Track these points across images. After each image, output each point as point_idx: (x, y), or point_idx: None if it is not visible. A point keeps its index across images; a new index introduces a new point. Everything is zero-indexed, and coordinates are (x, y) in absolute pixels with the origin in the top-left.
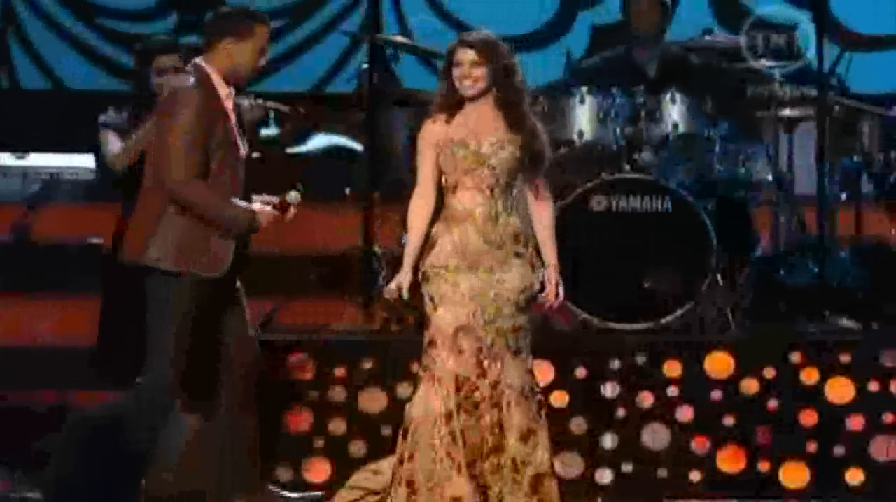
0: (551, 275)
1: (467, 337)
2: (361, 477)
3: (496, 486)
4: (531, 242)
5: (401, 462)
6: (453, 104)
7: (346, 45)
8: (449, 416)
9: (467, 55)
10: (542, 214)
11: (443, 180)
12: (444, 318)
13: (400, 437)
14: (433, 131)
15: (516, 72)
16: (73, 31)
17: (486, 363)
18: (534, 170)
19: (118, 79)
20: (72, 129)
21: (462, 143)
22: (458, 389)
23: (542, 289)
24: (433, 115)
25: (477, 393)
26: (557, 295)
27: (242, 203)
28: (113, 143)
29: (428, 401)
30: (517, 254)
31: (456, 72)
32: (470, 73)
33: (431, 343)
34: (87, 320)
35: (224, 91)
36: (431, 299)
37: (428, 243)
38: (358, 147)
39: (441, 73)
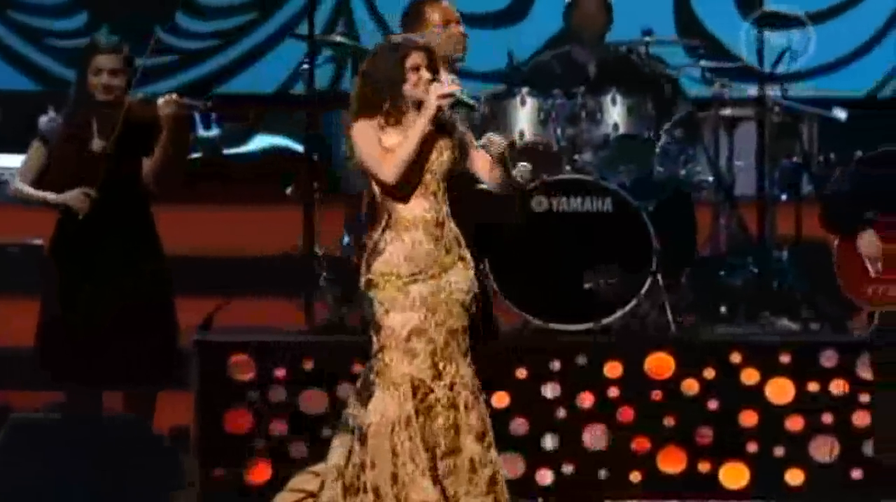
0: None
1: (420, 339)
2: (302, 480)
3: (452, 488)
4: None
5: (363, 469)
6: (387, 108)
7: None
8: (408, 420)
9: (423, 58)
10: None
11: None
12: (396, 322)
13: (356, 444)
14: (375, 132)
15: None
16: None
17: (441, 365)
18: (465, 157)
19: (29, 78)
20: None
21: None
22: (414, 393)
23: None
24: (368, 116)
25: (431, 396)
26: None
27: None
28: (23, 168)
29: (384, 407)
30: (461, 258)
31: (413, 76)
32: (426, 75)
33: (382, 348)
34: (28, 321)
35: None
36: (381, 304)
37: (374, 251)
38: (298, 147)
39: (393, 78)
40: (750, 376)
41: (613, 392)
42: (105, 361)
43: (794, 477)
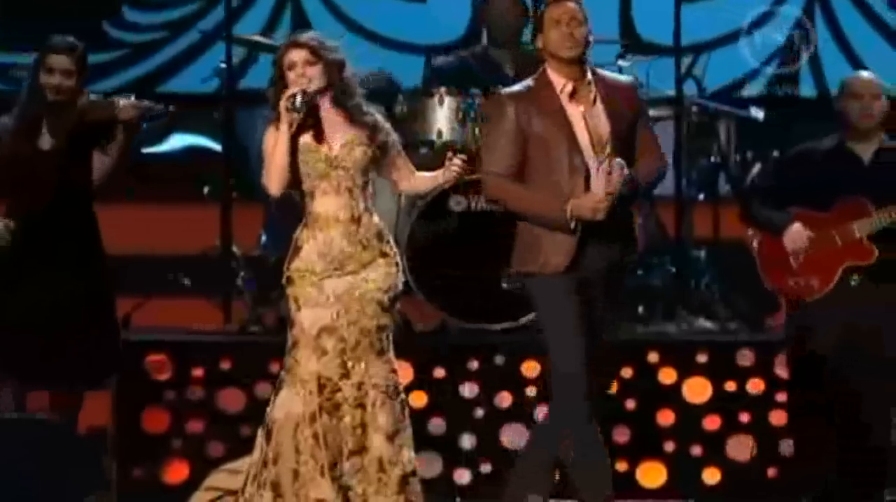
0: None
1: (331, 337)
2: (217, 478)
3: (360, 487)
4: (392, 242)
5: (265, 464)
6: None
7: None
8: (312, 418)
9: (301, 54)
10: (417, 179)
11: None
12: (307, 319)
13: (262, 439)
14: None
15: (346, 66)
16: None
17: (349, 364)
18: (386, 160)
19: None
20: None
21: (312, 149)
22: (320, 390)
23: (408, 290)
24: (275, 121)
25: (339, 395)
26: None
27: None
28: None
29: (290, 403)
30: (383, 254)
31: (291, 75)
32: (305, 72)
33: (294, 344)
34: None
35: (560, 84)
36: (295, 301)
37: (294, 249)
38: (216, 146)
39: (273, 80)
40: (667, 375)
41: (531, 391)
42: (50, 361)
43: (711, 476)
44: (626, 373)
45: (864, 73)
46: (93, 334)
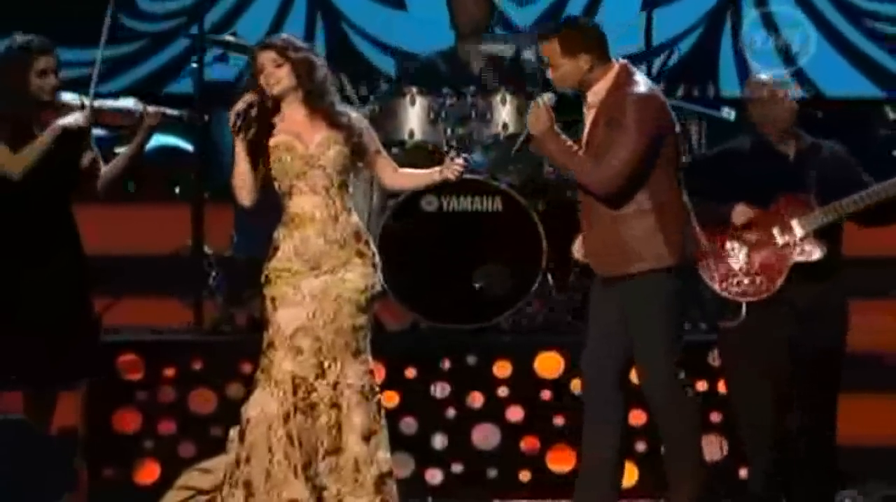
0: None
1: (306, 337)
2: (189, 477)
3: (334, 487)
4: (371, 242)
5: (237, 464)
6: (271, 110)
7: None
8: (286, 418)
9: (268, 55)
10: (403, 176)
11: (276, 186)
12: (283, 319)
13: (236, 439)
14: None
15: (317, 66)
16: None
17: (325, 363)
18: (365, 160)
19: None
20: None
21: (288, 148)
22: (294, 390)
23: (384, 290)
24: None
25: (314, 395)
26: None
27: None
28: None
29: (264, 403)
30: (359, 253)
31: (262, 78)
32: (273, 72)
33: (270, 344)
34: None
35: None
36: (272, 301)
37: (271, 248)
38: (188, 147)
39: (249, 83)
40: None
41: (503, 391)
42: (29, 360)
43: None
44: None
45: (769, 73)
46: (74, 333)
